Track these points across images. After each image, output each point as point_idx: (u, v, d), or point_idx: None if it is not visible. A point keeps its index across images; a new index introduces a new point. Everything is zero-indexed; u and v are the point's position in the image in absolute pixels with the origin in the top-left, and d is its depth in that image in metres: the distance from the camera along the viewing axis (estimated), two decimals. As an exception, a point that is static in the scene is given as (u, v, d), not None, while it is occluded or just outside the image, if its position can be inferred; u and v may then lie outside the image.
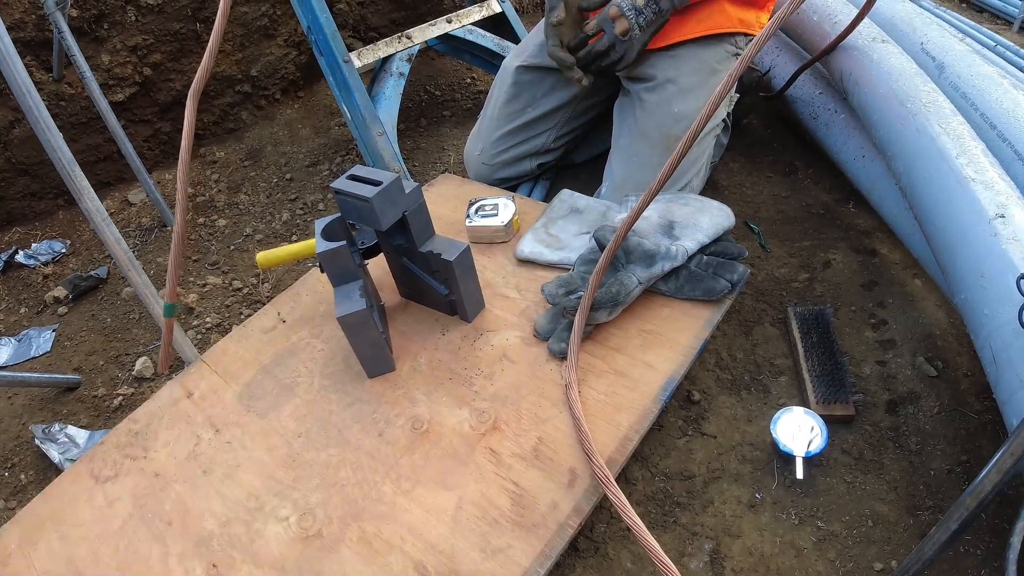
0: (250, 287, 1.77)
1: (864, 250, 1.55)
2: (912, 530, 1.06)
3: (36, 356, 1.70)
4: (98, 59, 2.07)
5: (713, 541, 1.08)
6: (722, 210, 1.31)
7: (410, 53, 2.03)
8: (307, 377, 1.23)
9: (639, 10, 1.35)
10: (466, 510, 0.99)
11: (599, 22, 1.39)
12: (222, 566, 0.98)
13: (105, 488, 1.12)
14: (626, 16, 1.36)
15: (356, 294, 1.09)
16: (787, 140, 1.96)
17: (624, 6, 1.35)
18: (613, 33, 1.38)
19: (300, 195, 2.09)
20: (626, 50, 1.40)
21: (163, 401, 1.25)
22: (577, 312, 1.15)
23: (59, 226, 2.17)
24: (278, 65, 2.47)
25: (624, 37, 1.38)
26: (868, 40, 1.53)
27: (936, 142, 1.21)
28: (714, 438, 1.21)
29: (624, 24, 1.36)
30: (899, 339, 1.34)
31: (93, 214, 1.13)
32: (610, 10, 1.36)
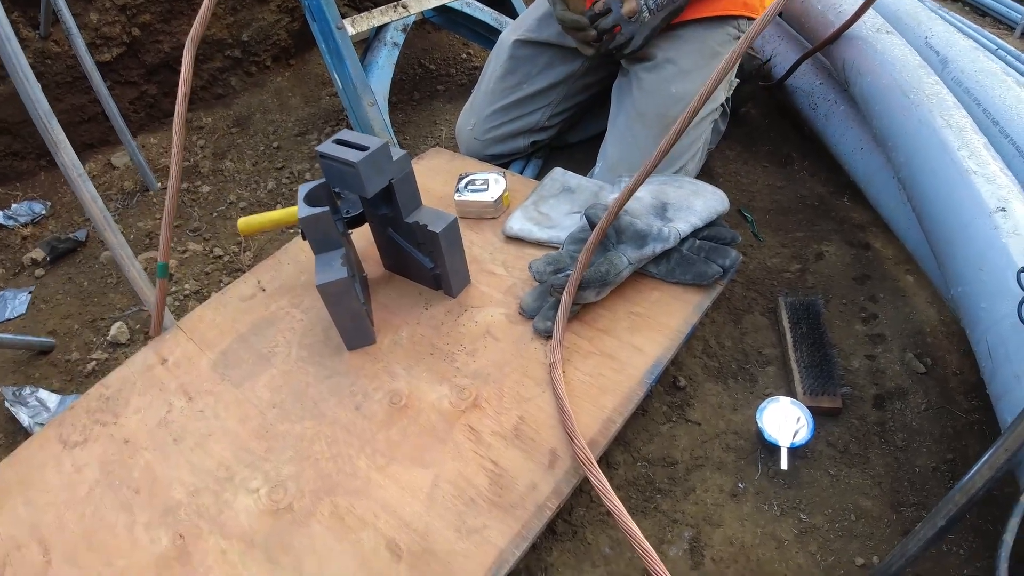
0: (231, 255, 1.73)
1: (858, 243, 1.53)
2: (895, 526, 1.05)
3: (10, 318, 1.66)
4: (86, 17, 2.02)
5: (693, 529, 1.06)
6: (716, 194, 1.29)
7: (405, 23, 1.99)
8: (284, 347, 1.20)
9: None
10: (442, 488, 0.97)
11: (606, 1, 1.32)
12: (189, 536, 0.96)
13: (73, 454, 1.09)
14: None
15: (337, 262, 1.06)
16: (784, 130, 1.93)
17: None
18: (619, 12, 1.32)
19: (287, 164, 2.05)
20: (633, 33, 1.34)
21: (136, 367, 1.21)
22: (564, 291, 1.12)
23: (40, 187, 2.11)
24: (270, 31, 2.42)
25: (631, 19, 1.32)
26: (872, 30, 1.50)
27: (938, 134, 1.19)
28: (698, 425, 1.20)
29: (632, 4, 1.31)
30: (889, 334, 1.33)
31: (69, 169, 1.10)
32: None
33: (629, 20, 1.32)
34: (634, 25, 1.33)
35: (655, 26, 1.35)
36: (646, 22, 1.32)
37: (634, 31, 1.34)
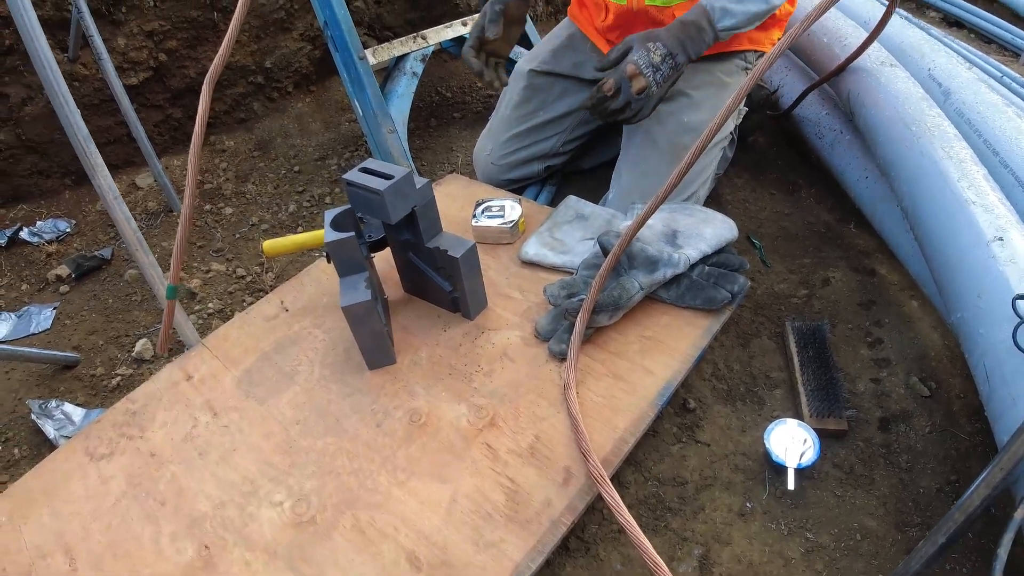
0: (254, 275, 1.78)
1: (863, 270, 1.56)
2: (900, 545, 1.07)
3: (35, 333, 1.70)
4: (114, 42, 2.08)
5: (703, 547, 1.09)
6: (726, 222, 1.33)
7: (424, 53, 2.05)
8: (307, 366, 1.24)
9: (656, 67, 1.31)
10: (460, 503, 1.00)
11: (616, 80, 1.31)
12: (214, 548, 0.99)
13: (99, 466, 1.13)
14: (644, 74, 1.30)
15: (361, 285, 1.10)
16: (791, 158, 1.97)
17: (642, 64, 1.30)
18: (630, 92, 1.31)
19: (307, 188, 2.10)
20: (642, 106, 1.35)
21: (162, 383, 1.25)
22: (578, 314, 1.16)
23: (65, 205, 2.17)
24: (292, 58, 2.49)
25: (641, 95, 1.32)
26: (877, 63, 1.55)
27: (939, 165, 1.23)
28: (708, 446, 1.22)
29: (642, 82, 1.30)
30: (894, 358, 1.36)
31: (105, 191, 1.14)
32: (627, 68, 1.30)
33: (639, 97, 1.32)
34: (643, 100, 1.33)
35: (661, 96, 1.36)
36: (654, 95, 1.33)
37: (643, 104, 1.34)
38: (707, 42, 1.34)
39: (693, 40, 1.32)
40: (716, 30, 1.33)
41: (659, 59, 1.30)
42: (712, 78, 1.51)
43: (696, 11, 1.33)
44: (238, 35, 1.13)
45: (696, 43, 1.33)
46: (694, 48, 1.33)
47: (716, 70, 1.52)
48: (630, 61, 1.31)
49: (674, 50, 1.31)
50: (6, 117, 2.02)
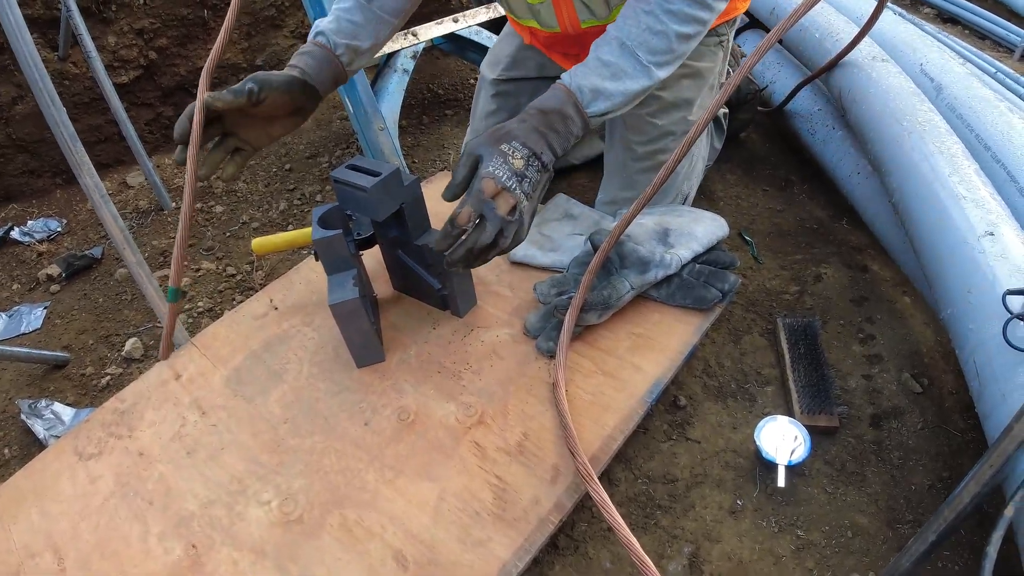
0: (244, 274, 1.78)
1: (855, 266, 1.56)
2: (891, 543, 1.07)
3: (26, 332, 1.70)
4: (104, 40, 2.08)
5: (693, 545, 1.08)
6: (716, 220, 1.32)
7: (415, 50, 2.04)
8: (296, 364, 1.24)
9: (520, 174, 1.01)
10: (448, 502, 1.00)
11: (475, 207, 0.99)
12: (201, 547, 0.98)
13: (88, 465, 1.12)
14: (508, 189, 1.00)
15: (349, 283, 1.10)
16: (784, 155, 1.97)
17: (501, 176, 0.99)
18: (497, 216, 0.99)
19: (298, 186, 2.10)
20: (516, 230, 1.03)
21: (151, 382, 1.25)
22: (568, 312, 1.15)
23: (56, 205, 2.17)
24: (283, 56, 2.48)
25: (513, 216, 1.01)
26: (868, 59, 1.54)
27: (930, 160, 1.23)
28: (698, 443, 1.22)
29: (509, 200, 1.00)
30: (886, 354, 1.35)
31: (92, 190, 1.14)
32: (483, 186, 0.99)
33: (511, 219, 1.01)
34: (516, 221, 1.02)
35: (534, 210, 1.07)
36: (527, 210, 1.03)
37: (518, 226, 1.03)
38: (575, 134, 1.08)
39: (558, 133, 1.05)
40: (586, 117, 1.07)
41: (522, 164, 1.01)
42: (684, 69, 1.31)
43: (557, 95, 1.07)
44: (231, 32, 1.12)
45: (562, 137, 1.06)
46: (560, 143, 1.06)
47: (690, 61, 1.34)
48: (484, 176, 1.00)
49: (537, 148, 1.02)
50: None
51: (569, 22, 1.30)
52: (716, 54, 1.42)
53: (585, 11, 1.26)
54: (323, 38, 1.22)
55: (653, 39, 1.06)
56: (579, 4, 1.25)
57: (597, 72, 1.07)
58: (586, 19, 1.28)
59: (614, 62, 1.07)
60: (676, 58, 1.10)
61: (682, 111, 1.40)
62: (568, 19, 1.29)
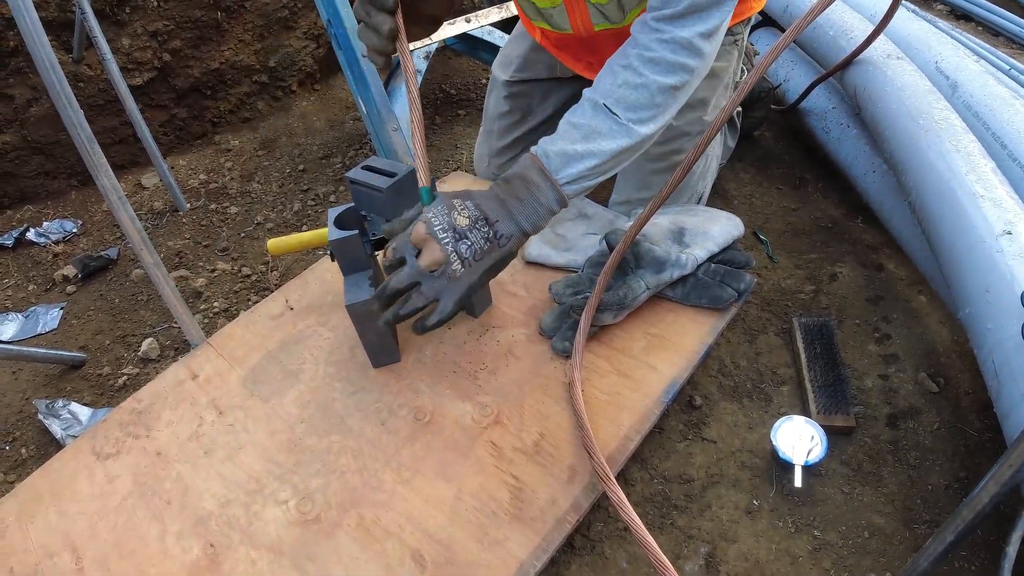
0: (259, 274, 1.78)
1: (871, 265, 1.55)
2: (908, 543, 1.06)
3: (42, 333, 1.71)
4: (118, 42, 2.09)
5: (709, 545, 1.08)
6: (731, 220, 1.32)
7: (428, 51, 2.05)
8: (312, 364, 1.24)
9: (460, 233, 0.93)
10: (465, 501, 1.00)
11: (397, 246, 0.96)
12: (219, 546, 0.99)
13: (106, 465, 1.13)
14: (438, 240, 0.93)
15: (365, 284, 1.10)
16: (798, 153, 1.96)
17: (435, 224, 0.94)
18: (416, 266, 0.94)
19: (312, 186, 2.11)
20: (438, 292, 0.95)
21: (167, 382, 1.25)
22: (583, 312, 1.15)
23: (71, 206, 2.18)
24: (296, 57, 2.49)
25: (434, 272, 0.94)
26: (883, 56, 1.54)
27: (946, 159, 1.22)
28: (714, 443, 1.22)
29: (435, 252, 0.93)
30: (902, 354, 1.35)
31: (109, 192, 1.14)
32: (414, 228, 0.94)
33: (432, 276, 0.95)
34: (440, 282, 0.95)
35: (472, 283, 0.97)
36: (457, 276, 0.95)
37: (440, 290, 0.95)
38: (543, 203, 0.99)
39: (521, 201, 0.97)
40: (555, 184, 0.99)
41: (466, 222, 0.94)
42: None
43: (523, 161, 1.00)
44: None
45: (527, 206, 0.98)
46: (525, 213, 0.98)
47: None
48: (419, 219, 0.95)
49: (492, 215, 0.95)
50: (11, 118, 2.03)
51: (582, 25, 1.29)
52: (731, 53, 1.41)
53: (599, 15, 1.25)
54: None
55: (631, 93, 0.99)
56: (593, 9, 1.24)
57: (566, 136, 1.00)
58: (599, 23, 1.27)
59: (584, 123, 1.00)
60: (661, 112, 1.02)
61: (697, 111, 1.39)
62: (581, 23, 1.29)
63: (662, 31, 0.96)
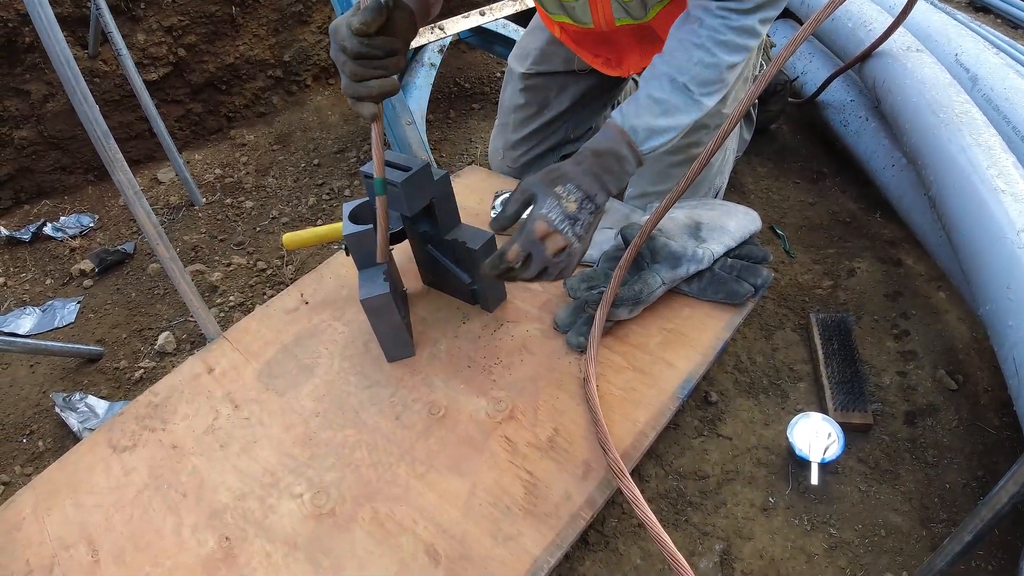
0: (274, 268, 1.79)
1: (889, 260, 1.54)
2: (925, 542, 1.05)
3: (60, 327, 1.73)
4: (133, 38, 2.10)
5: (724, 542, 1.08)
6: (748, 214, 1.31)
7: (442, 44, 2.04)
8: (327, 358, 1.24)
9: (573, 217, 1.03)
10: (479, 496, 1.00)
11: (523, 246, 1.02)
12: (235, 539, 0.99)
13: (122, 458, 1.14)
14: (560, 231, 1.02)
15: (380, 278, 1.10)
16: (815, 147, 1.95)
17: (554, 218, 1.01)
18: (544, 256, 1.02)
19: (327, 180, 2.11)
20: (562, 269, 1.06)
21: (184, 375, 1.26)
22: (599, 307, 1.15)
23: (88, 201, 2.20)
24: (310, 51, 2.49)
25: (559, 258, 1.03)
26: (903, 49, 1.52)
27: (967, 153, 1.20)
28: (730, 440, 1.21)
29: (559, 242, 1.02)
30: (921, 351, 1.33)
31: (125, 186, 1.15)
32: (535, 228, 1.01)
33: (557, 260, 1.03)
34: (563, 260, 1.04)
35: (586, 247, 1.09)
36: (576, 251, 1.05)
37: (565, 264, 1.05)
38: (629, 172, 1.09)
39: (613, 174, 1.06)
40: (640, 155, 1.08)
41: (574, 207, 1.03)
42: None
43: (611, 135, 1.07)
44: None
45: (617, 177, 1.07)
46: (615, 183, 1.07)
47: None
48: (537, 218, 1.02)
49: (591, 190, 1.04)
50: (28, 114, 2.04)
51: (604, 20, 1.29)
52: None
53: (621, 10, 1.25)
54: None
55: (705, 72, 1.05)
56: (616, 4, 1.24)
57: (649, 110, 1.07)
58: (621, 17, 1.27)
59: (665, 99, 1.07)
60: (725, 87, 1.10)
61: (716, 104, 1.37)
62: (603, 17, 1.28)
63: (730, 19, 1.02)
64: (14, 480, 1.34)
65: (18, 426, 1.46)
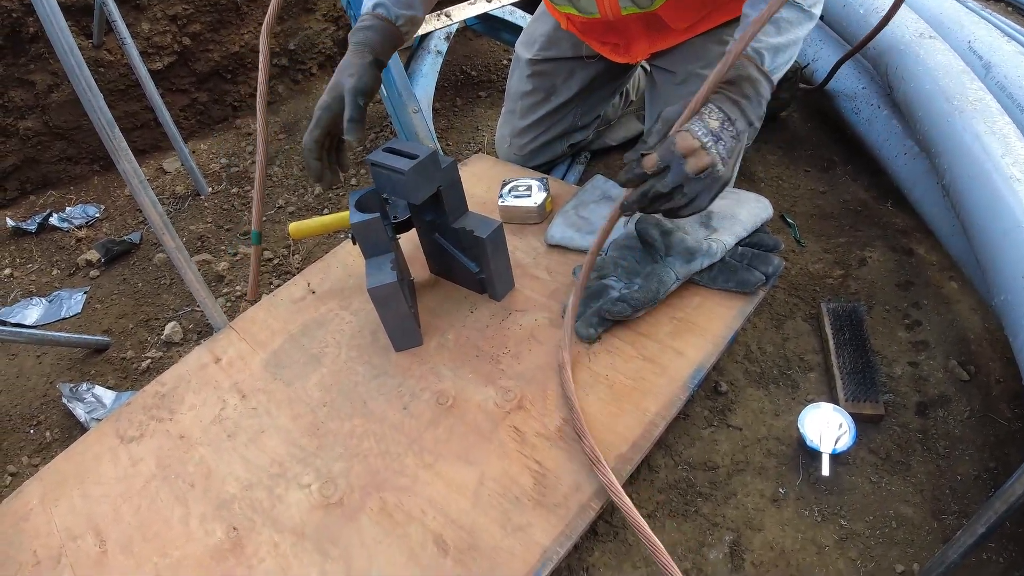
0: (280, 258, 1.78)
1: (901, 249, 1.52)
2: (936, 534, 1.04)
3: (66, 317, 1.72)
4: (138, 27, 2.08)
5: (734, 533, 1.07)
6: (760, 202, 1.29)
7: (448, 31, 2.02)
8: (334, 348, 1.24)
9: (716, 135, 1.00)
10: (488, 486, 0.99)
11: (661, 156, 0.99)
12: (242, 529, 0.99)
13: (129, 448, 1.14)
14: (705, 147, 0.98)
15: (387, 267, 1.09)
16: (826, 135, 1.93)
17: (700, 132, 0.99)
18: (683, 171, 0.98)
19: (332, 170, 2.10)
20: (698, 193, 1.01)
21: (191, 365, 1.26)
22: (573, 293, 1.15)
23: (93, 191, 2.19)
24: (316, 40, 2.48)
25: (700, 175, 0.99)
26: (915, 35, 1.50)
27: (981, 140, 1.18)
28: (740, 430, 1.20)
29: (704, 159, 0.98)
30: (932, 341, 1.32)
31: (130, 176, 1.14)
32: (676, 140, 0.98)
33: (696, 178, 0.99)
34: (702, 182, 1.00)
35: (731, 177, 1.05)
36: (720, 176, 1.01)
37: (701, 190, 1.01)
38: (763, 95, 1.06)
39: (750, 100, 1.04)
40: (769, 76, 1.06)
41: (717, 125, 1.00)
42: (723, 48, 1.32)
43: (740, 65, 1.04)
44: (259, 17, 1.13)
45: (754, 104, 1.05)
46: (753, 109, 1.04)
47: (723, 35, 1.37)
48: (684, 130, 0.99)
49: (731, 113, 1.02)
50: (33, 104, 2.04)
51: (610, 9, 1.28)
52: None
53: (627, 0, 1.24)
54: (383, 9, 1.20)
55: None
56: None
57: (764, 31, 1.05)
58: (627, 7, 1.26)
59: (777, 17, 1.06)
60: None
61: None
62: (609, 6, 1.27)
63: None
64: (21, 471, 1.34)
65: (25, 416, 1.46)
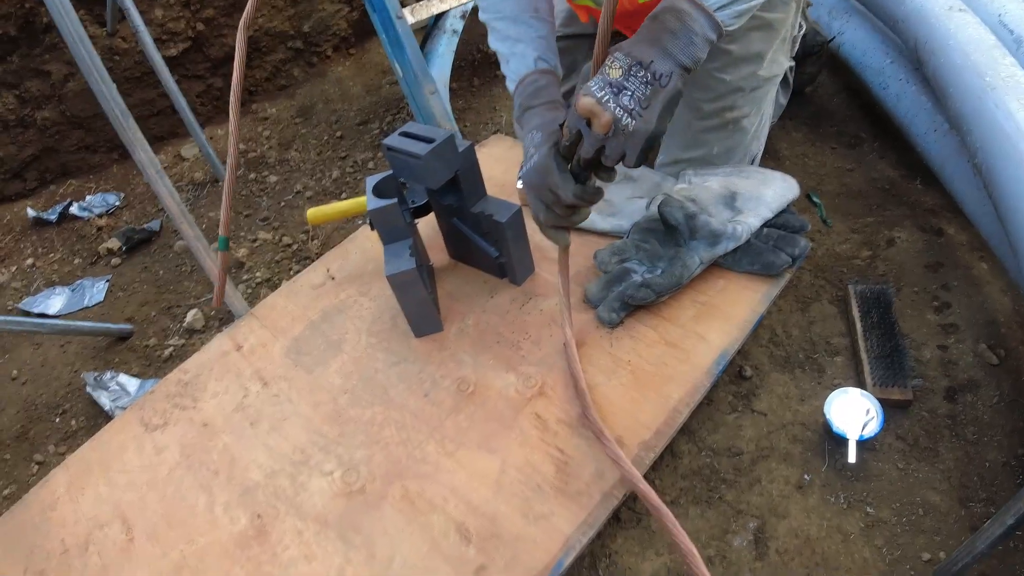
0: (299, 243, 1.78)
1: (930, 229, 1.49)
2: (963, 521, 1.03)
3: (89, 306, 1.74)
4: (151, 14, 2.08)
5: (759, 520, 1.06)
6: (786, 181, 1.26)
7: (464, 10, 2.00)
8: (354, 334, 1.23)
9: (617, 86, 0.89)
10: (509, 474, 0.98)
11: (571, 125, 0.94)
12: (266, 516, 1.00)
13: (154, 436, 1.14)
14: (602, 104, 0.89)
15: (406, 253, 1.08)
16: (853, 110, 1.88)
17: (594, 88, 0.90)
18: (594, 135, 0.92)
19: (350, 153, 2.09)
20: (621, 150, 0.92)
21: (213, 353, 1.26)
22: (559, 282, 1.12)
23: (113, 179, 2.20)
24: (330, 21, 2.46)
25: (606, 133, 0.91)
26: (945, 8, 1.45)
27: (1014, 118, 1.15)
28: (764, 416, 1.19)
29: (604, 116, 0.89)
30: (962, 324, 1.29)
31: (146, 165, 1.14)
32: (577, 103, 0.91)
33: (607, 136, 0.91)
34: (618, 139, 0.91)
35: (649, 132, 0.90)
36: (632, 130, 0.90)
37: (621, 145, 0.92)
38: (697, 32, 0.89)
39: (674, 33, 0.88)
40: (706, 10, 0.89)
41: (619, 74, 0.89)
42: (754, 22, 1.23)
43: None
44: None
45: (680, 38, 0.89)
46: (679, 46, 0.89)
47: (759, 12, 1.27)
48: (580, 92, 0.92)
49: (642, 57, 0.89)
50: (49, 94, 2.04)
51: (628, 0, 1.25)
52: (788, 5, 1.33)
53: None
54: (545, 63, 1.17)
55: None
56: None
57: None
58: None
59: None
60: None
61: (752, 65, 1.31)
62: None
63: None
64: (48, 459, 1.36)
65: (51, 406, 1.47)
